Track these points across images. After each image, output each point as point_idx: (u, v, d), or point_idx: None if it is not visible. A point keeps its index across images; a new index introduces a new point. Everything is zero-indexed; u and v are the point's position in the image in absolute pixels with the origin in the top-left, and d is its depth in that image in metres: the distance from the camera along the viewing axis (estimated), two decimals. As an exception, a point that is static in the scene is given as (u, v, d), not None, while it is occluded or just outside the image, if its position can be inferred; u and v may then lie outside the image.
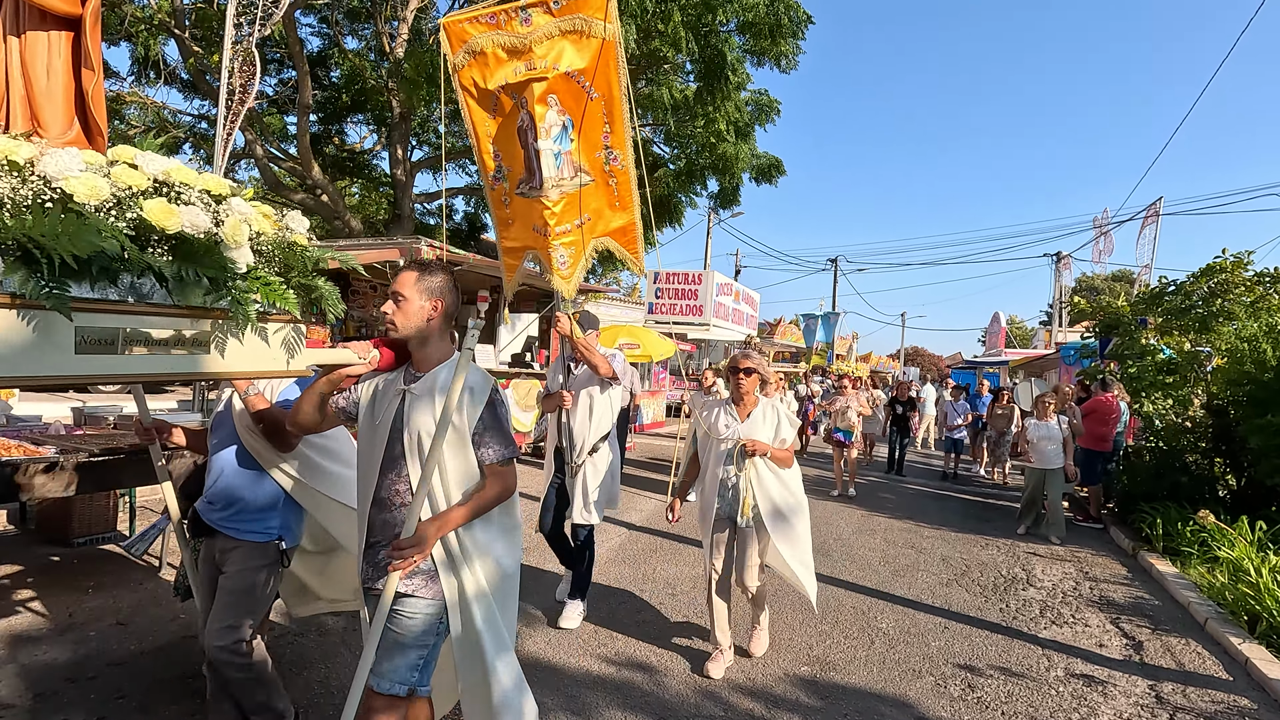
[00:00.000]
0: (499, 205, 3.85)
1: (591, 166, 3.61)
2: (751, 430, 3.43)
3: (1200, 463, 7.47)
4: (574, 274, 3.66)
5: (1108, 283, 38.14)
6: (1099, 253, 21.63)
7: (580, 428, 3.89)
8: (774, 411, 3.51)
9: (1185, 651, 4.18)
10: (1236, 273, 7.53)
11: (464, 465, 1.96)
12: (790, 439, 3.49)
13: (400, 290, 1.94)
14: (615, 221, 3.76)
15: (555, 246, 3.58)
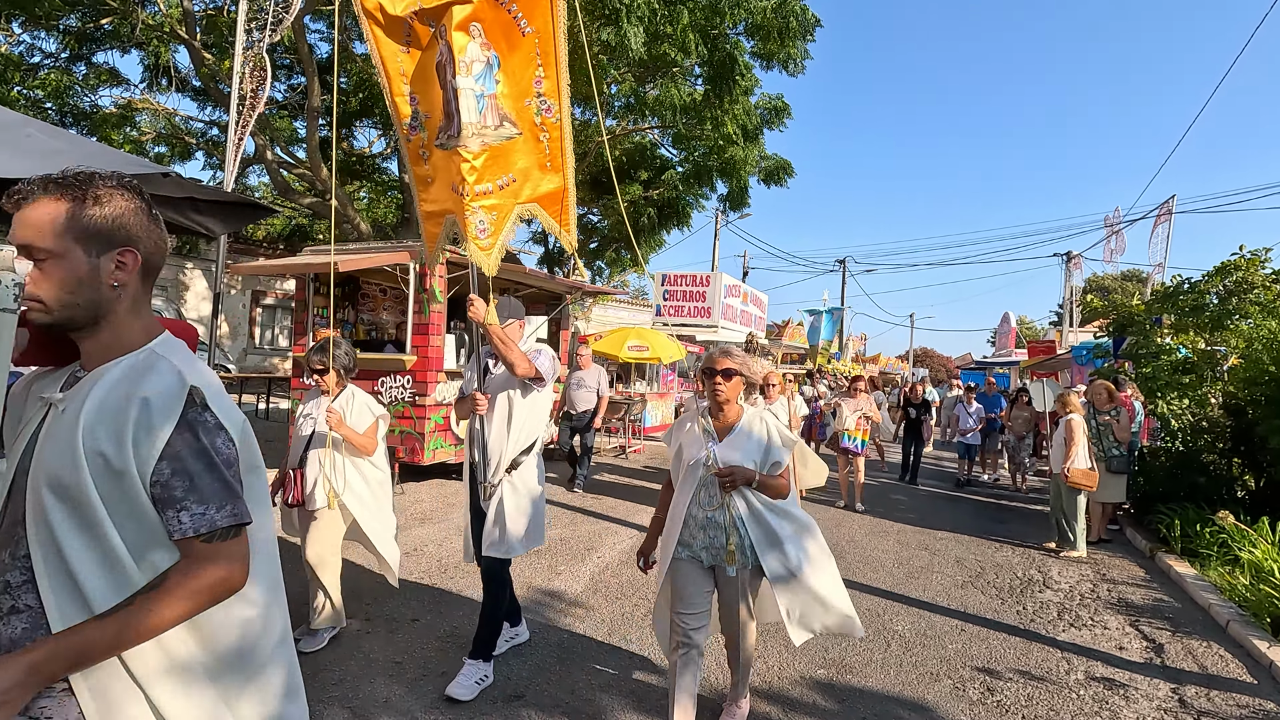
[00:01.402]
0: (416, 160, 3.17)
1: (520, 117, 2.99)
2: (731, 450, 2.60)
3: (1218, 463, 7.38)
4: (495, 244, 3.01)
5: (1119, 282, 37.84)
6: (1110, 252, 21.46)
7: (496, 439, 3.20)
8: (763, 425, 2.67)
9: (1207, 654, 4.11)
10: (1253, 270, 7.44)
11: (121, 543, 1.10)
12: (785, 461, 2.65)
13: (38, 241, 1.11)
14: (545, 185, 3.13)
15: (474, 209, 2.90)
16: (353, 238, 13.56)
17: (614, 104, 15.40)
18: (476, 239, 2.93)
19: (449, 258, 7.50)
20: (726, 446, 2.62)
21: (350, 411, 3.53)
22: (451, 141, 2.89)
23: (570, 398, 8.11)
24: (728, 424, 2.70)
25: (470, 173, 2.87)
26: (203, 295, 19.11)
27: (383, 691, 3.08)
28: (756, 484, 2.57)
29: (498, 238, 3.02)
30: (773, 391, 6.63)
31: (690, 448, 2.68)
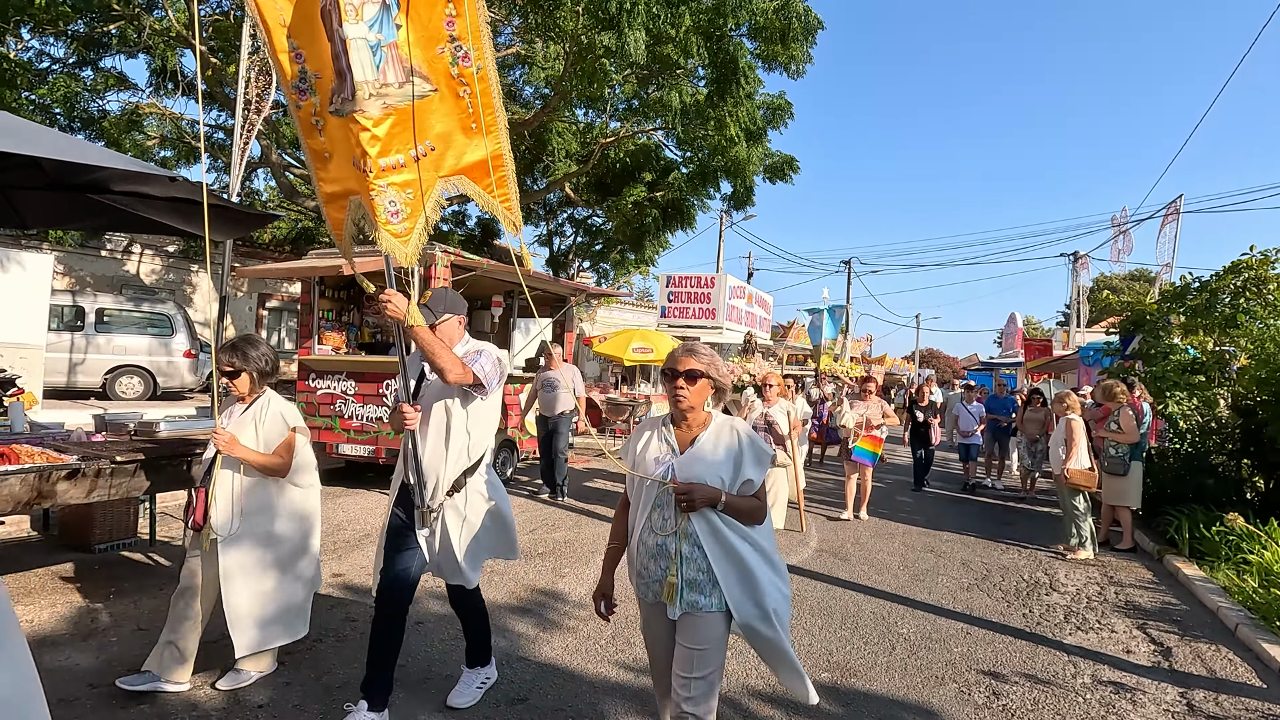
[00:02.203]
0: (309, 131, 2.60)
1: (432, 70, 2.43)
2: (693, 465, 2.16)
3: (1227, 464, 7.32)
4: (414, 229, 2.52)
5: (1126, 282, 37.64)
6: (1117, 252, 21.34)
7: (433, 457, 2.74)
8: (733, 436, 2.22)
9: (1216, 658, 4.08)
10: (1264, 269, 7.38)
11: None
12: (759, 480, 2.21)
13: None
14: (472, 152, 2.58)
15: (381, 188, 2.42)
16: (358, 240, 13.59)
17: (617, 105, 15.42)
18: (387, 224, 2.46)
19: (454, 260, 7.54)
20: (689, 460, 2.16)
21: (261, 423, 3.03)
22: (347, 106, 2.36)
23: (545, 400, 7.63)
24: (691, 434, 2.23)
25: (372, 143, 2.36)
26: (210, 298, 19.19)
27: (386, 695, 3.08)
28: (723, 505, 2.10)
29: (416, 220, 2.52)
30: (771, 394, 6.41)
31: (647, 460, 2.23)
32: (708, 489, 2.09)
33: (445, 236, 18.48)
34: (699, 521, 2.12)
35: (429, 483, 2.75)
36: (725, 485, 2.13)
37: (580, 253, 20.69)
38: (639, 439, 2.33)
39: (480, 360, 2.74)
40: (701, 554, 2.12)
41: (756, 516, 2.19)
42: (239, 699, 2.95)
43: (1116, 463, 6.56)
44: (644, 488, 2.22)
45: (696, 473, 2.13)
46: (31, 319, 8.37)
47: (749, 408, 6.51)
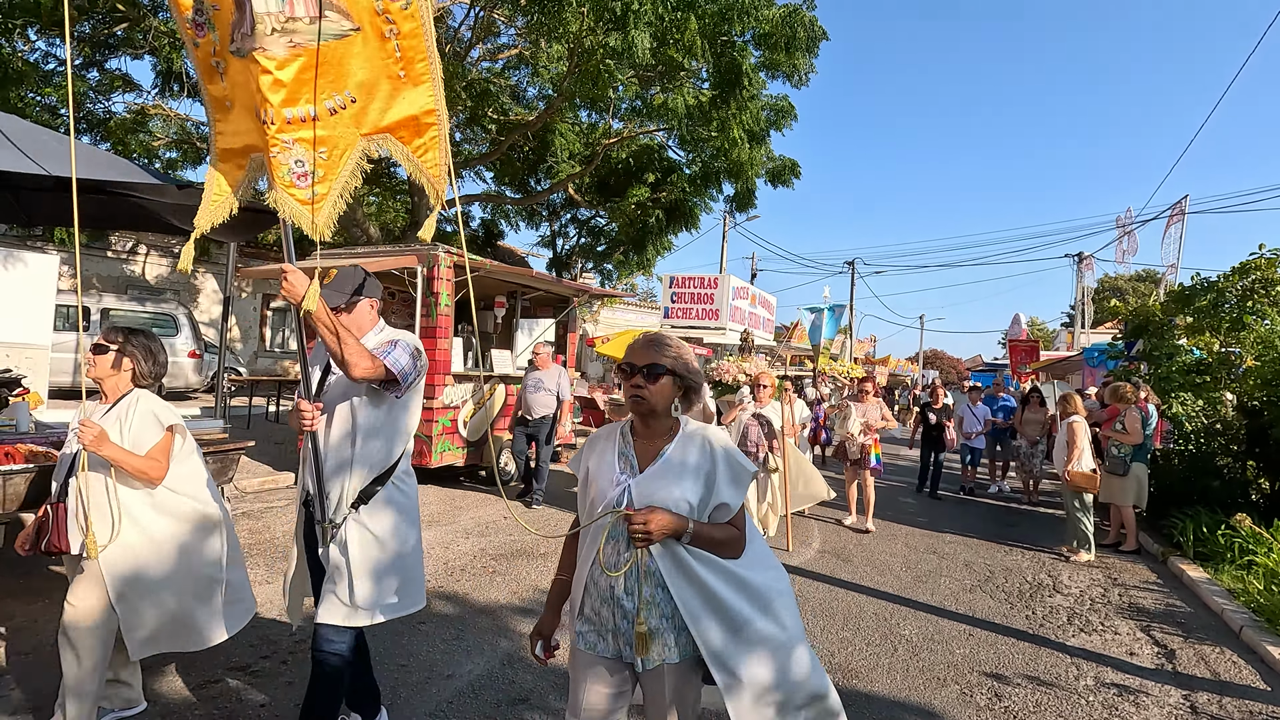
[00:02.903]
0: (209, 74, 2.17)
1: (352, 4, 2.04)
2: (654, 486, 1.75)
3: (1232, 466, 7.29)
4: (328, 194, 2.12)
5: (1131, 283, 37.52)
6: (1122, 253, 21.29)
7: (336, 463, 2.35)
8: (706, 448, 1.80)
9: (1220, 660, 4.06)
10: (1272, 270, 7.35)
11: None
12: (736, 503, 1.80)
13: None
14: (400, 106, 2.18)
15: (285, 144, 2.01)
16: (361, 241, 13.65)
17: (620, 106, 15.43)
18: (291, 186, 2.05)
19: (456, 261, 7.55)
20: (649, 480, 1.75)
21: (127, 423, 2.58)
22: (247, 43, 1.97)
23: (525, 401, 7.18)
24: (655, 446, 1.81)
25: (274, 89, 1.96)
26: (214, 298, 19.28)
27: (387, 695, 3.09)
28: (689, 536, 1.69)
29: (331, 185, 2.11)
30: (764, 394, 6.04)
31: (600, 479, 1.82)
32: (669, 517, 1.66)
33: (448, 237, 18.52)
34: (661, 557, 1.70)
35: (331, 494, 2.34)
36: (693, 510, 1.73)
37: (583, 253, 20.71)
38: (591, 451, 1.90)
39: (394, 352, 2.34)
40: (666, 596, 1.71)
41: (733, 548, 1.78)
42: (240, 698, 2.96)
43: (1117, 462, 6.54)
44: (595, 514, 1.80)
45: (658, 495, 1.71)
46: (37, 319, 8.41)
47: (742, 407, 6.15)
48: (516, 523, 6.29)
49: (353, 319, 2.44)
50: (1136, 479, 6.64)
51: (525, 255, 24.60)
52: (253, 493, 7.07)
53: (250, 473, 7.49)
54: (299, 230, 2.19)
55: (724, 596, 1.74)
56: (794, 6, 11.59)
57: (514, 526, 6.22)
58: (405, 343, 2.42)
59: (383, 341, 2.43)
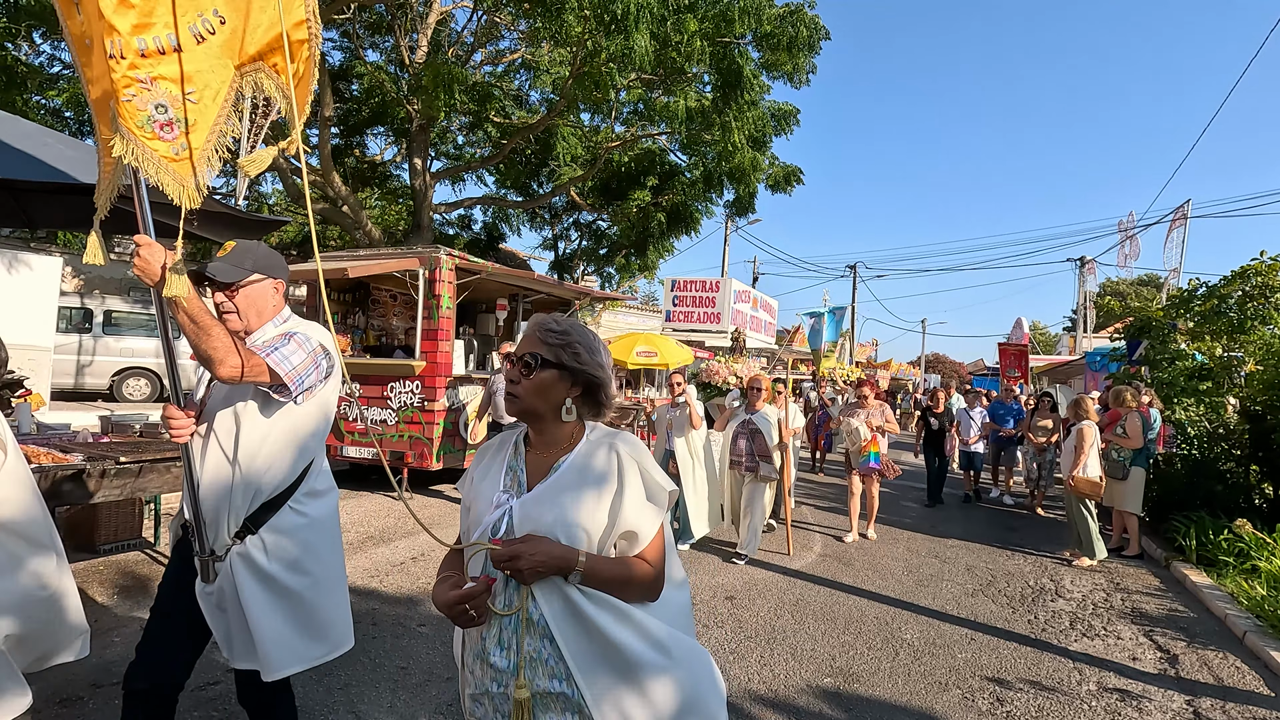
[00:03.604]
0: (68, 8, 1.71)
1: None
2: (541, 508, 1.41)
3: (1235, 471, 7.26)
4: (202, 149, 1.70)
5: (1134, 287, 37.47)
6: (1124, 257, 21.28)
7: (215, 484, 1.95)
8: (613, 462, 1.44)
9: (1223, 665, 4.04)
10: (1273, 275, 7.34)
11: None
12: (649, 530, 1.42)
13: None
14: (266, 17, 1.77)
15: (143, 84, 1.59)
16: (364, 244, 13.67)
17: (622, 110, 15.46)
18: (154, 138, 1.63)
19: (460, 263, 7.57)
20: (535, 500, 1.40)
21: None
22: None
23: (496, 405, 6.85)
24: (549, 458, 1.46)
25: (120, 11, 1.54)
26: (216, 301, 19.28)
27: (387, 697, 3.09)
28: (579, 574, 1.33)
29: (205, 135, 1.70)
30: (758, 398, 5.77)
31: (480, 499, 1.48)
32: (551, 549, 1.31)
33: (450, 240, 18.55)
34: (547, 600, 1.34)
35: (209, 520, 1.95)
36: (589, 540, 1.37)
37: (585, 256, 20.73)
38: (478, 464, 1.56)
39: (284, 349, 1.91)
40: (554, 651, 1.34)
41: (643, 589, 1.39)
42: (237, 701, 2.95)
43: (1117, 466, 6.52)
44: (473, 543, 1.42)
45: (543, 520, 1.36)
46: (40, 321, 8.43)
47: (731, 413, 5.92)
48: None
49: (249, 301, 2.01)
50: (1134, 484, 6.62)
51: (527, 258, 24.63)
52: (254, 495, 7.07)
53: (251, 475, 7.48)
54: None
55: (631, 653, 1.35)
56: (795, 6, 11.62)
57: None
58: (304, 337, 1.99)
59: (278, 334, 2.00)
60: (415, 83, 12.72)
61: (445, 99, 11.14)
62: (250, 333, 2.03)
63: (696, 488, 5.92)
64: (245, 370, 1.81)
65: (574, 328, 1.48)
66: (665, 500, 1.45)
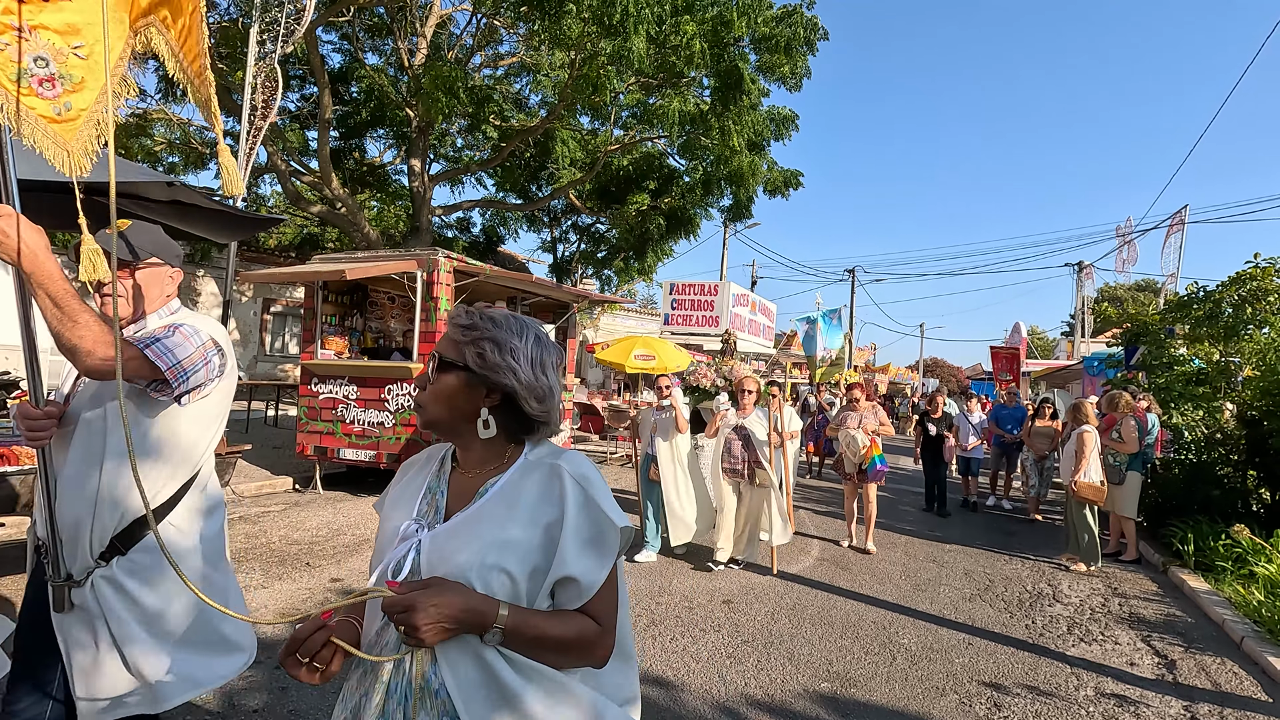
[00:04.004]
0: None
1: None
2: (455, 544, 1.11)
3: (1233, 476, 7.27)
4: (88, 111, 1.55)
5: (1131, 292, 37.58)
6: (1122, 262, 21.32)
7: (73, 495, 1.67)
8: (552, 489, 1.14)
9: (1221, 671, 4.03)
10: (1268, 279, 7.35)
11: None
12: (593, 579, 1.10)
13: None
14: None
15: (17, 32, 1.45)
16: (362, 246, 13.67)
17: (621, 114, 15.48)
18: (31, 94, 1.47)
19: (458, 265, 7.56)
20: (450, 533, 1.13)
21: None
22: None
23: None
24: (476, 481, 1.19)
25: None
26: (213, 301, 19.28)
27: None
28: (498, 634, 1.04)
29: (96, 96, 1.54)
30: (747, 400, 5.50)
31: (387, 528, 1.22)
32: (460, 599, 1.02)
33: (449, 242, 18.55)
34: (453, 665, 1.05)
35: (67, 539, 1.66)
36: (514, 588, 1.08)
37: (584, 259, 20.74)
38: (398, 482, 1.31)
39: (167, 340, 1.66)
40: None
41: (583, 652, 1.11)
42: (234, 704, 2.94)
43: (1113, 471, 6.51)
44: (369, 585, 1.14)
45: (457, 561, 1.08)
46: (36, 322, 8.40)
47: (721, 416, 5.66)
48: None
49: (142, 287, 1.81)
50: (1131, 488, 6.61)
51: (525, 261, 24.64)
52: (250, 497, 7.05)
53: (248, 476, 7.47)
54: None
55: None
56: (793, 6, 11.64)
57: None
58: (192, 329, 1.73)
59: (163, 325, 1.76)
60: (415, 85, 12.74)
61: (445, 102, 11.15)
62: (133, 322, 1.81)
63: (679, 494, 5.67)
64: (133, 363, 1.58)
65: (486, 319, 1.19)
66: (616, 540, 1.13)
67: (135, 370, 1.61)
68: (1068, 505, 6.43)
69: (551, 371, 1.20)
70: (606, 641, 1.14)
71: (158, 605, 1.71)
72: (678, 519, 5.66)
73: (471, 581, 1.06)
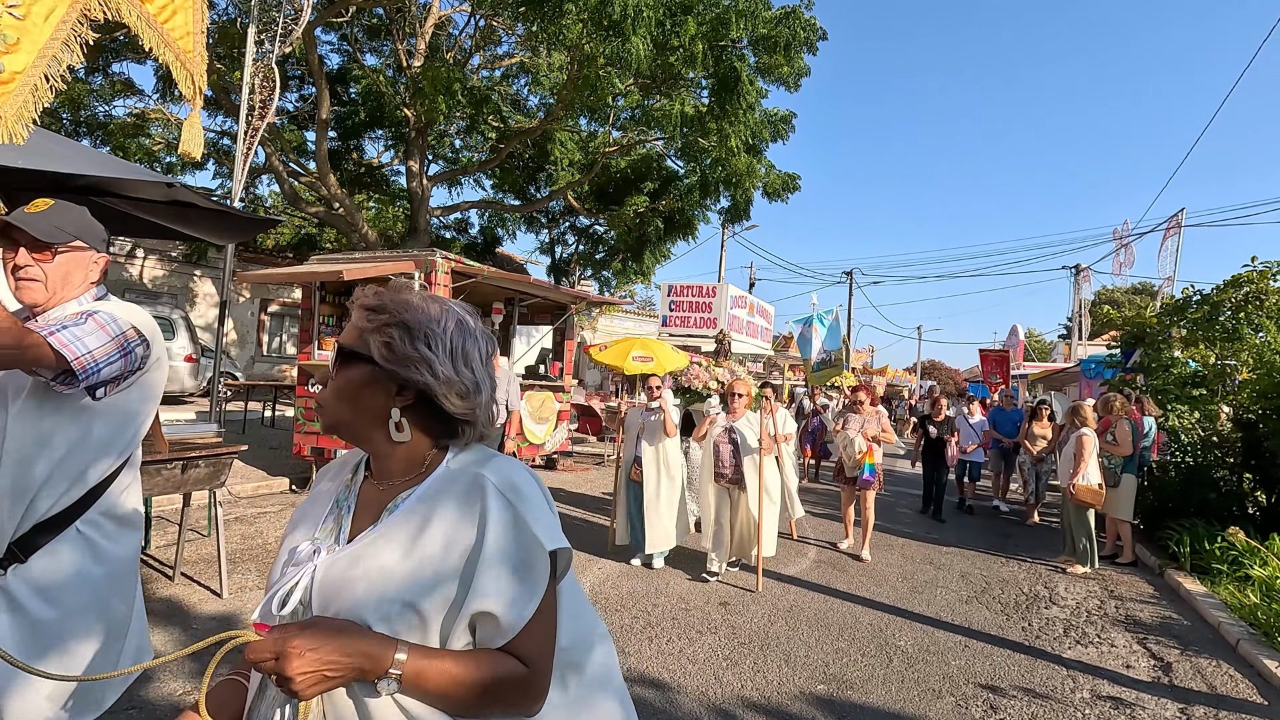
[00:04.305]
0: None
1: None
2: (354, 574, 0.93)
3: (1229, 478, 7.28)
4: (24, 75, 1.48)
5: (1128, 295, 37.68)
6: (1119, 265, 21.37)
7: None
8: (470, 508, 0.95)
9: (1216, 673, 4.04)
10: (1265, 282, 7.37)
11: None
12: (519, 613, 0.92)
13: None
14: None
15: None
16: (360, 246, 13.66)
17: (620, 115, 15.49)
18: None
19: (455, 266, 7.56)
20: (351, 558, 0.96)
21: None
22: None
23: None
24: (385, 496, 1.03)
25: None
26: (211, 302, 19.25)
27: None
28: (393, 681, 0.88)
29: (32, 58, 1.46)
30: (738, 404, 5.33)
31: (284, 547, 1.06)
32: (345, 643, 0.86)
33: (447, 243, 18.54)
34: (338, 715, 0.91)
35: None
36: (422, 625, 0.92)
37: (582, 261, 20.75)
38: (317, 484, 1.15)
39: (75, 328, 1.53)
40: None
41: (509, 701, 0.95)
42: None
43: (1109, 474, 6.51)
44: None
45: (353, 593, 0.92)
46: (33, 322, 8.37)
47: (712, 419, 5.45)
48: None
49: (63, 270, 1.65)
50: (1126, 491, 6.62)
51: (524, 262, 24.63)
52: (246, 498, 7.04)
53: (244, 477, 7.46)
54: None
55: None
56: (791, 7, 11.66)
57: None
58: (109, 317, 1.59)
59: (78, 312, 1.62)
60: (413, 86, 12.74)
61: (444, 102, 11.15)
62: (48, 310, 1.64)
63: (660, 500, 5.40)
64: (18, 350, 1.41)
65: (397, 301, 1.00)
66: (545, 567, 0.95)
67: (37, 359, 1.45)
68: (1065, 508, 6.43)
69: (479, 363, 1.03)
70: (537, 686, 0.96)
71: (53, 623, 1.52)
72: (658, 526, 5.38)
73: (367, 619, 0.90)
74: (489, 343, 1.07)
